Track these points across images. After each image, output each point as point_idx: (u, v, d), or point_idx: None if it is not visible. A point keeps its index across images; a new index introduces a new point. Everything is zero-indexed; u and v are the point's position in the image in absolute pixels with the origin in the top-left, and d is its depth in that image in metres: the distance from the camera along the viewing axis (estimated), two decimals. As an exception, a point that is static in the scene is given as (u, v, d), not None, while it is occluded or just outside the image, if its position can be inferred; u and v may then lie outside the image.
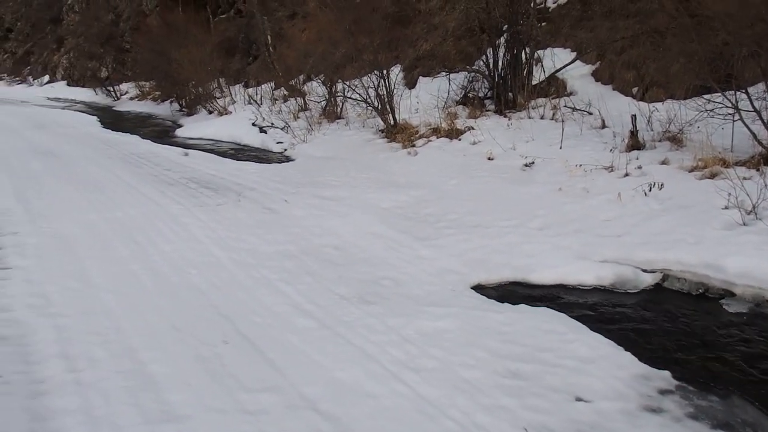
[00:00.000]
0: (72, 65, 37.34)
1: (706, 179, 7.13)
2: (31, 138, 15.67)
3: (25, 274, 5.73)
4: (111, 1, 37.62)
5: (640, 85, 10.83)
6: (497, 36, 12.39)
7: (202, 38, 20.82)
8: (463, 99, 12.78)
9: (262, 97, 18.25)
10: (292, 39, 19.99)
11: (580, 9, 13.26)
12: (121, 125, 19.69)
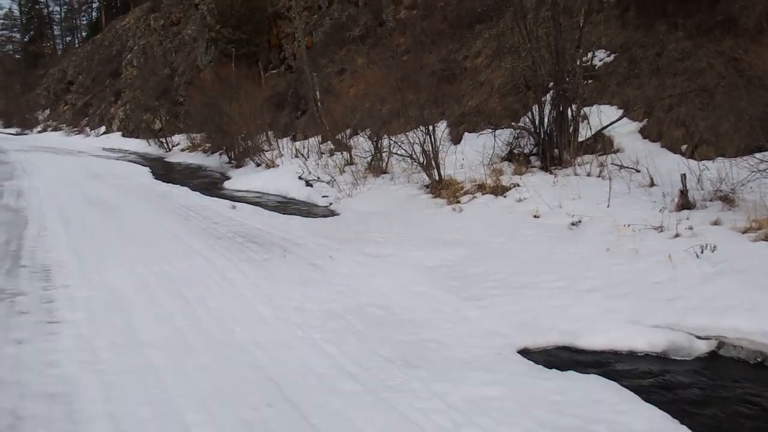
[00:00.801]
0: (128, 117, 38.85)
1: (760, 241, 6.92)
2: (87, 188, 16.23)
3: (74, 329, 5.84)
4: (168, 56, 39.31)
5: (690, 142, 10.67)
6: (543, 93, 12.44)
7: (253, 92, 21.49)
8: (508, 155, 12.79)
9: (309, 151, 18.60)
10: (339, 94, 20.46)
11: (626, 67, 13.25)
12: (171, 177, 20.28)
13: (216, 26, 28.44)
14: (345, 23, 25.33)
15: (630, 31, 14.35)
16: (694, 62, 11.86)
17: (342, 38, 24.43)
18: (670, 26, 13.46)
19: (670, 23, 13.53)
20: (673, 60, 12.34)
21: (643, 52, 13.39)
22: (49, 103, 59.74)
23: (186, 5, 43.05)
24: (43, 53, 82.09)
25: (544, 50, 12.64)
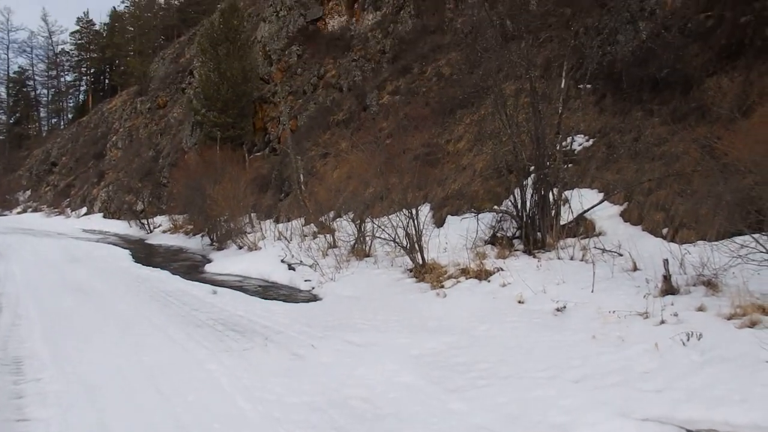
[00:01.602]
0: (110, 198, 38.82)
1: (746, 328, 6.87)
2: (65, 272, 15.97)
3: (44, 428, 5.58)
4: (153, 138, 39.76)
5: (670, 226, 10.79)
6: (525, 177, 12.62)
7: (237, 174, 21.63)
8: (491, 239, 12.84)
9: (292, 234, 18.57)
10: (323, 177, 20.65)
11: (605, 151, 13.55)
12: (152, 260, 20.06)
13: (202, 110, 28.93)
14: (329, 107, 25.90)
15: (607, 117, 14.77)
16: (671, 147, 12.16)
17: (326, 122, 24.92)
18: (645, 112, 13.89)
19: (645, 110, 13.97)
20: (650, 145, 12.65)
21: (621, 137, 13.74)
22: (31, 185, 59.69)
23: (173, 89, 43.97)
24: (28, 135, 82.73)
25: (525, 135, 12.93)
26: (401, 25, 27.46)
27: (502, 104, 13.22)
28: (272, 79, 30.64)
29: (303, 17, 32.15)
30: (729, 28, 13.44)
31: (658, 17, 16.16)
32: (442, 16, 26.30)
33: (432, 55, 24.12)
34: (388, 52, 26.62)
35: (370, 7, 29.88)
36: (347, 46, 29.21)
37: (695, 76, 13.22)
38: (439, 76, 22.56)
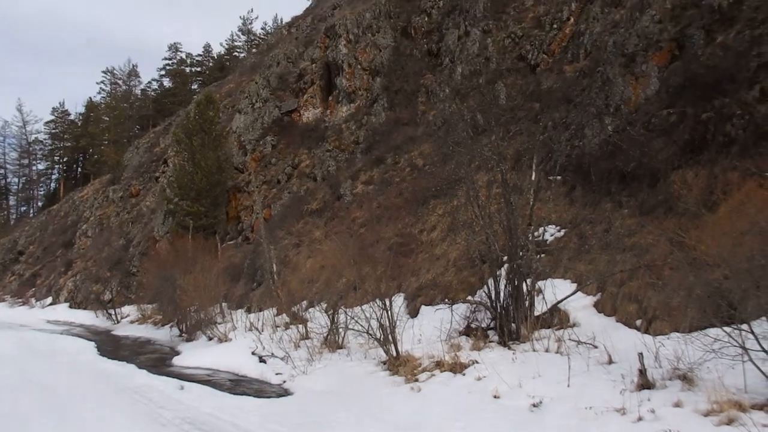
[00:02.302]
0: (77, 288, 37.94)
1: (723, 425, 6.77)
2: (25, 368, 15.31)
3: None
4: (124, 227, 39.42)
5: (644, 317, 10.81)
6: (498, 267, 12.65)
7: (208, 264, 21.39)
8: (466, 330, 12.71)
9: (264, 324, 18.20)
10: (296, 267, 20.51)
11: (577, 242, 13.72)
12: (118, 353, 19.40)
13: (175, 199, 28.93)
14: (303, 197, 26.08)
15: (578, 208, 15.06)
16: (641, 239, 12.36)
17: (300, 211, 25.01)
18: (615, 204, 14.19)
19: (614, 201, 14.28)
20: (621, 236, 12.84)
21: (592, 228, 13.96)
22: (-5, 274, 58.22)
23: (146, 178, 44.10)
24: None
25: (497, 226, 13.06)
26: (375, 117, 28.18)
27: (475, 195, 13.41)
28: (247, 168, 30.93)
29: (278, 109, 32.89)
30: (691, 124, 14.00)
31: (623, 113, 16.81)
32: (414, 108, 27.09)
33: (405, 146, 24.64)
34: (362, 143, 27.15)
35: (344, 100, 30.72)
36: (321, 137, 29.77)
37: (661, 170, 13.63)
38: (413, 167, 22.96)
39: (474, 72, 26.06)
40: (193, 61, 73.32)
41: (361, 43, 31.52)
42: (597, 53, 20.62)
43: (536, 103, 21.37)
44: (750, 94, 13.15)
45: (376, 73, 30.33)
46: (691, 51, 16.65)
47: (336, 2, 46.76)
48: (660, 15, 18.83)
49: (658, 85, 16.86)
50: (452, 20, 29.22)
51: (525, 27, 26.29)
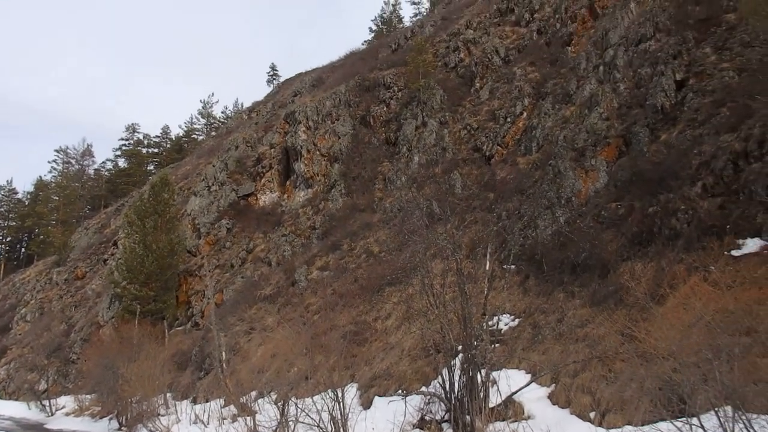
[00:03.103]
0: (9, 377, 35.76)
1: None
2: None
3: None
4: (66, 311, 37.93)
5: (597, 410, 10.68)
6: (452, 357, 12.45)
7: (154, 351, 20.56)
8: (420, 423, 12.33)
9: (210, 416, 17.36)
10: (247, 354, 19.88)
11: (531, 332, 13.70)
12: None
13: (123, 282, 28.03)
14: (257, 282, 25.63)
15: (531, 298, 15.13)
16: (593, 329, 12.41)
17: (253, 296, 24.51)
18: (567, 294, 14.33)
19: (567, 291, 14.43)
20: (574, 326, 12.89)
21: (545, 318, 14.00)
22: None
23: (94, 260, 42.89)
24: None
25: (452, 315, 12.94)
26: (332, 203, 28.32)
27: (430, 283, 13.35)
28: (200, 251, 30.42)
29: (235, 192, 32.83)
30: (639, 217, 14.44)
31: (574, 205, 17.28)
32: (371, 195, 27.36)
33: (361, 232, 24.69)
34: (319, 228, 27.13)
35: (302, 185, 30.90)
36: (278, 222, 29.68)
37: (611, 261, 13.90)
38: (368, 254, 22.93)
39: (431, 161, 26.66)
40: (150, 142, 73.17)
41: (320, 130, 32.09)
42: (549, 147, 21.37)
43: (491, 193, 21.83)
44: (693, 191, 13.69)
45: (334, 159, 30.75)
46: (637, 147, 17.41)
47: (297, 89, 47.92)
48: (607, 113, 19.77)
49: (607, 179, 17.47)
50: (410, 111, 30.11)
51: (480, 120, 27.23)
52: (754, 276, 10.25)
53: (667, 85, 18.42)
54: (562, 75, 25.15)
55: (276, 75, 66.38)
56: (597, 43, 24.19)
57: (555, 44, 28.23)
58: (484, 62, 30.69)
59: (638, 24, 22.69)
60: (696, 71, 18.30)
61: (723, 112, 15.50)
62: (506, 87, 27.86)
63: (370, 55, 43.05)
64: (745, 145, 13.55)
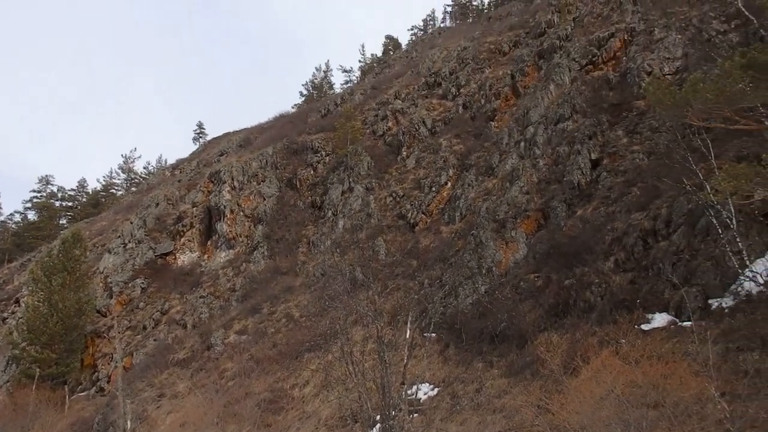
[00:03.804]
0: None
1: None
2: None
3: None
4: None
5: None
6: (370, 427, 12.17)
7: (52, 419, 19.16)
8: (334, 497, 11.86)
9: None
10: (155, 423, 18.79)
11: (449, 402, 13.59)
12: None
13: (22, 343, 26.14)
14: (170, 345, 24.54)
15: (451, 367, 15.10)
16: (510, 400, 12.43)
17: (165, 360, 23.39)
18: (486, 364, 14.40)
19: (486, 361, 14.50)
20: (491, 397, 12.89)
21: (464, 387, 13.96)
22: None
23: (-6, 318, 40.13)
24: None
25: (371, 383, 12.71)
26: (254, 265, 27.79)
27: (349, 351, 13.10)
28: (110, 312, 28.95)
29: (153, 251, 31.73)
30: (556, 289, 14.83)
31: (495, 275, 17.60)
32: (294, 259, 27.06)
33: (283, 296, 24.25)
34: (239, 291, 26.48)
35: (224, 246, 30.25)
36: (196, 282, 28.79)
37: (529, 332, 14.13)
38: (289, 318, 22.47)
39: (355, 226, 26.73)
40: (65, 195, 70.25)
41: (245, 191, 31.76)
42: (471, 217, 21.87)
43: (414, 261, 22.00)
44: (606, 265, 14.24)
45: (258, 220, 30.38)
46: (554, 221, 18.06)
47: (223, 149, 47.53)
48: (527, 187, 20.50)
49: (526, 251, 17.95)
50: (337, 176, 30.31)
51: (406, 187, 27.70)
52: (661, 351, 10.58)
53: (583, 164, 19.35)
54: (485, 148, 26.04)
55: (203, 133, 65.75)
56: (519, 120, 25.28)
57: (479, 119, 29.34)
58: (411, 132, 31.48)
59: (557, 105, 23.92)
60: (610, 152, 19.34)
61: (634, 191, 16.36)
62: (432, 157, 28.57)
63: (300, 119, 43.48)
64: (653, 224, 14.26)
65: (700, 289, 12.17)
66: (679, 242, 13.36)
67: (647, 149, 18.13)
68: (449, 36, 49.98)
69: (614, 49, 25.85)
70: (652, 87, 12.11)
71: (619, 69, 24.53)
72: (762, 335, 9.98)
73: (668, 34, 23.79)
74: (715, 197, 11.21)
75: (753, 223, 12.30)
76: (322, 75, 64.58)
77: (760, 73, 9.97)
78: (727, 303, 11.61)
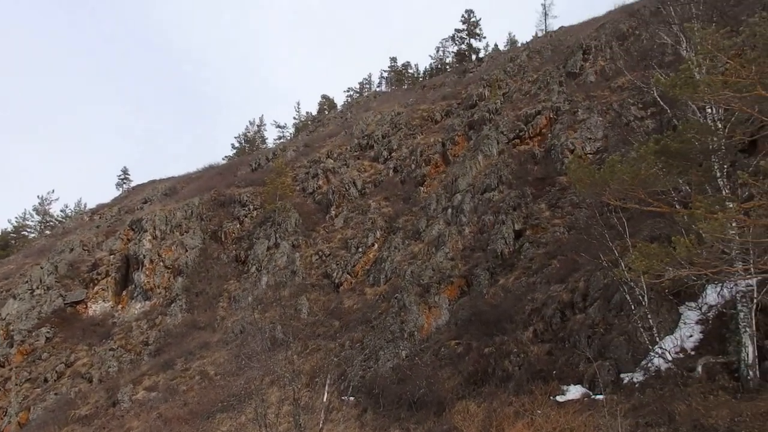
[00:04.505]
0: None
1: None
2: None
3: None
4: None
5: None
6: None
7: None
8: None
9: None
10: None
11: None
12: None
13: None
14: (72, 400, 23.07)
15: (367, 433, 14.77)
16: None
17: (66, 416, 21.92)
18: (403, 431, 14.14)
19: (403, 428, 14.25)
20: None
21: (381, 456, 13.65)
22: None
23: None
24: None
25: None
26: (170, 318, 26.80)
27: (263, 413, 12.69)
28: (9, 362, 27.09)
29: (62, 298, 30.13)
30: (476, 357, 14.90)
31: (416, 340, 17.57)
32: (213, 313, 26.28)
33: (198, 352, 23.37)
34: (152, 344, 25.37)
35: (140, 296, 29.10)
36: (107, 334, 27.41)
37: (447, 399, 14.05)
38: (203, 376, 21.60)
39: (279, 283, 26.30)
40: (-30, 236, 66.54)
41: (167, 241, 30.87)
42: (396, 280, 21.92)
43: (336, 321, 21.74)
44: (525, 335, 14.47)
45: (178, 272, 29.47)
46: (477, 289, 18.32)
47: (148, 196, 46.32)
48: (453, 253, 20.81)
49: (449, 317, 18.07)
50: (264, 231, 29.94)
51: (333, 247, 27.61)
52: (574, 424, 10.72)
53: (507, 234, 19.85)
54: (413, 213, 26.41)
55: (127, 179, 63.91)
56: (447, 187, 25.85)
57: (409, 183, 29.84)
58: (341, 191, 31.64)
59: (485, 175, 24.66)
60: (532, 223, 19.96)
61: (554, 263, 16.84)
62: (360, 218, 28.72)
63: (230, 171, 43.07)
64: (571, 297, 14.67)
65: (613, 363, 12.49)
66: (595, 316, 13.76)
67: (568, 223, 18.82)
68: (384, 100, 51.16)
69: (540, 125, 27.09)
70: (573, 165, 12.65)
71: (544, 145, 25.65)
72: (669, 411, 10.26)
73: (591, 115, 25.14)
74: (629, 274, 11.64)
75: (663, 301, 12.83)
76: (255, 129, 64.56)
77: (672, 160, 10.59)
78: (637, 378, 11.93)
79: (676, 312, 12.76)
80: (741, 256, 10.20)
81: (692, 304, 12.60)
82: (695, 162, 11.20)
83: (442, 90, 43.78)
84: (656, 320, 12.44)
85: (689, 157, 10.88)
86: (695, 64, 11.41)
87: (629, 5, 35.82)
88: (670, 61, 18.78)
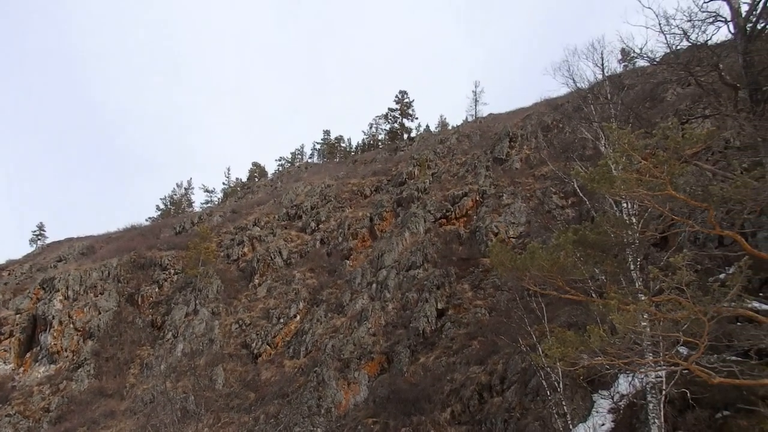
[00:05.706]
0: None
1: None
2: None
3: None
4: None
5: None
6: None
7: None
8: None
9: None
10: None
11: None
12: None
13: None
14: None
15: None
16: None
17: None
18: None
19: None
20: None
21: None
22: None
23: None
24: None
25: None
26: (76, 384, 25.34)
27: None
28: None
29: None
30: (392, 437, 14.74)
31: (333, 416, 17.26)
32: (123, 380, 25.08)
33: (103, 421, 22.11)
34: (53, 411, 23.83)
35: (45, 359, 27.47)
36: (5, 398, 25.59)
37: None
38: (105, 448, 20.40)
39: (196, 351, 25.45)
40: None
41: (80, 302, 29.53)
42: (316, 353, 21.63)
43: (252, 393, 21.13)
44: (443, 416, 14.49)
45: (89, 335, 28.10)
46: (397, 366, 18.31)
47: (63, 254, 44.36)
48: (375, 329, 20.81)
49: (367, 393, 17.90)
50: (183, 296, 29.13)
51: (254, 316, 27.06)
52: None
53: (429, 312, 20.08)
54: (338, 286, 26.37)
55: (42, 235, 61.12)
56: (373, 262, 26.05)
57: (335, 255, 29.89)
58: (266, 260, 31.31)
59: (410, 252, 25.04)
60: (455, 303, 20.29)
61: (474, 344, 17.10)
62: (284, 288, 28.40)
63: (152, 233, 41.98)
64: (490, 379, 14.86)
65: (528, 447, 12.63)
66: (512, 399, 13.96)
67: (489, 305, 19.24)
68: (315, 172, 51.62)
69: (466, 207, 27.96)
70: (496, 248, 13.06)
71: (470, 226, 26.41)
72: (580, 499, 10.41)
73: (515, 201, 26.18)
74: (545, 360, 11.96)
75: (578, 388, 13.18)
76: (182, 192, 63.47)
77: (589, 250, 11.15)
78: (551, 464, 12.09)
79: (590, 399, 13.12)
80: (651, 348, 10.69)
81: (605, 392, 13.00)
82: (611, 253, 11.82)
83: (373, 166, 44.62)
84: (570, 407, 12.74)
85: (605, 248, 11.49)
86: (613, 161, 12.21)
87: (553, 99, 38.06)
88: (590, 155, 19.94)
